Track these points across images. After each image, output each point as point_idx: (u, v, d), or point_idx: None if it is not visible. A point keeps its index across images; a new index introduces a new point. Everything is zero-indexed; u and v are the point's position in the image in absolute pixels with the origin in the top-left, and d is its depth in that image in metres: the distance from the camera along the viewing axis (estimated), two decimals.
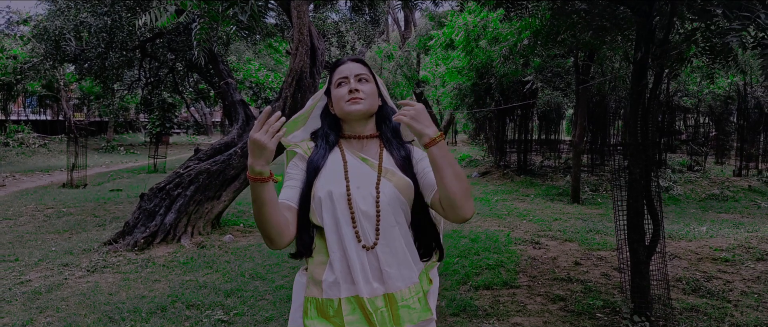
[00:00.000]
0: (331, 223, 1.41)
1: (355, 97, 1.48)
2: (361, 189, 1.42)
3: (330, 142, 1.53)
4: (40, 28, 8.83)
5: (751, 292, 4.24)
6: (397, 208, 1.43)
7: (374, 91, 1.53)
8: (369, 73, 1.55)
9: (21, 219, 7.55)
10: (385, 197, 1.42)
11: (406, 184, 1.45)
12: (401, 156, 1.51)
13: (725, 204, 9.00)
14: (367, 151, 1.53)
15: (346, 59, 1.59)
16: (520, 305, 4.06)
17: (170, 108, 13.33)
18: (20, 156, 17.47)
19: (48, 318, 3.73)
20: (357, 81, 1.50)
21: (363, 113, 1.49)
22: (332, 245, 1.40)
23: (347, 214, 1.40)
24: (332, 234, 1.40)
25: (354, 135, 1.54)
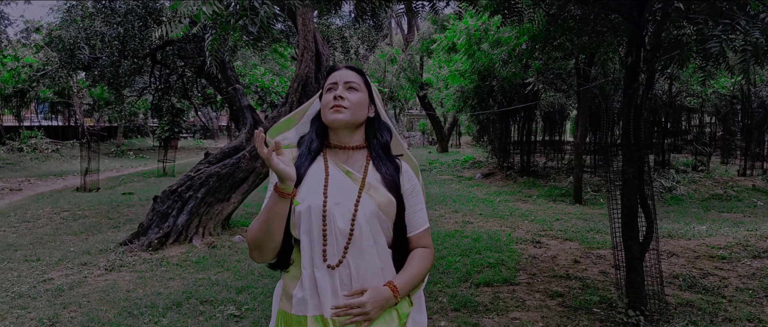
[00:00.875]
0: (306, 239, 1.37)
1: (338, 106, 1.43)
2: (341, 205, 1.38)
3: (312, 151, 1.47)
4: (54, 36, 9.12)
5: (745, 288, 4.37)
6: (376, 226, 1.40)
7: (363, 101, 1.47)
8: (362, 82, 1.50)
9: (39, 221, 7.80)
10: (363, 215, 1.37)
11: (388, 201, 1.41)
12: (389, 172, 1.46)
13: (728, 204, 9.09)
14: (352, 163, 1.47)
15: (341, 65, 1.54)
16: (520, 301, 4.22)
17: (179, 113, 13.60)
18: (34, 161, 17.83)
19: (71, 313, 3.94)
20: (345, 88, 1.45)
21: (343, 123, 1.43)
22: (305, 261, 1.38)
23: (320, 230, 1.36)
24: (306, 250, 1.38)
25: (339, 145, 1.49)
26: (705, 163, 12.97)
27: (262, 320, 3.79)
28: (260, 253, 1.37)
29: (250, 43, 4.05)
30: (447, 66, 12.45)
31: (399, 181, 1.46)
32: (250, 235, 1.37)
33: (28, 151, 18.86)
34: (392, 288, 1.38)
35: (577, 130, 10.30)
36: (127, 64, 8.29)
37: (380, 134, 1.51)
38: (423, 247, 1.49)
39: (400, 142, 1.57)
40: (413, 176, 1.52)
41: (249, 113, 7.30)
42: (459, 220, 7.76)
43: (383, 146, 1.50)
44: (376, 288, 1.36)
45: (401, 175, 1.48)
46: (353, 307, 1.33)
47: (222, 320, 3.79)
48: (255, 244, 1.36)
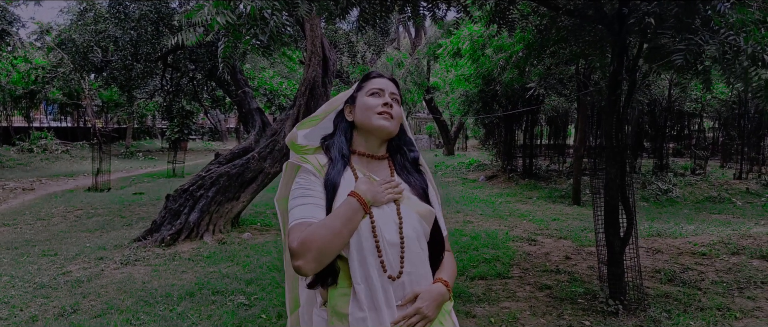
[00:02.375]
0: (356, 252, 1.33)
1: (388, 112, 1.43)
2: (383, 217, 1.36)
3: (345, 158, 1.44)
4: (67, 39, 9.47)
5: (720, 281, 4.63)
6: (421, 235, 1.40)
7: (402, 115, 1.50)
8: (400, 97, 1.52)
9: (53, 219, 8.13)
10: (408, 225, 1.38)
11: (427, 211, 1.42)
12: (420, 184, 1.48)
13: (720, 206, 9.32)
14: (376, 172, 1.46)
15: (383, 74, 1.54)
16: (511, 292, 4.50)
17: (188, 115, 13.97)
18: (44, 162, 18.24)
19: (91, 302, 4.25)
20: (391, 99, 1.46)
21: (390, 132, 1.44)
22: (357, 276, 1.32)
23: (372, 243, 1.33)
24: (357, 264, 1.33)
25: (367, 153, 1.47)
26: (702, 167, 13.17)
27: (269, 308, 4.08)
28: (318, 264, 1.29)
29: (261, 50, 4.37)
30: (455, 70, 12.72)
31: (428, 192, 1.48)
32: (316, 243, 1.28)
33: (38, 152, 19.27)
34: (444, 283, 1.42)
35: (577, 133, 10.55)
36: (140, 67, 8.64)
37: (409, 148, 1.52)
38: (447, 251, 1.54)
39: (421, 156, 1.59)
40: (434, 186, 1.54)
41: (258, 116, 7.61)
42: (460, 220, 8.03)
43: (413, 161, 1.52)
44: (427, 289, 1.37)
45: (429, 186, 1.51)
46: (411, 315, 1.33)
47: (232, 308, 4.08)
48: (318, 253, 1.28)
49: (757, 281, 4.63)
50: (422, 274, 1.39)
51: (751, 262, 5.17)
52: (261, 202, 8.68)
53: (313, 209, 1.35)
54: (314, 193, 1.38)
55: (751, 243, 5.88)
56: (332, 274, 1.37)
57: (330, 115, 1.53)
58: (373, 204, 1.33)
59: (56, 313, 3.95)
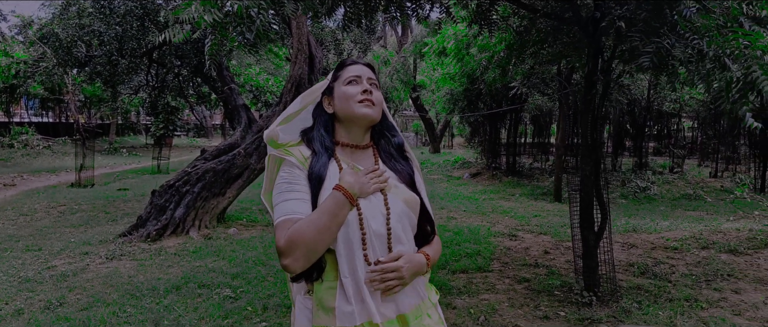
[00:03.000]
0: (344, 245, 1.31)
1: (369, 99, 1.39)
2: (370, 208, 1.34)
3: (328, 149, 1.40)
4: (49, 33, 9.37)
5: (690, 273, 4.84)
6: (406, 225, 1.38)
7: (382, 100, 1.46)
8: (378, 81, 1.48)
9: (36, 215, 8.09)
10: (395, 215, 1.35)
11: (414, 200, 1.40)
12: (406, 171, 1.46)
13: (695, 203, 9.60)
14: (361, 162, 1.43)
15: (359, 60, 1.50)
16: (490, 285, 4.64)
17: (174, 111, 13.92)
18: (25, 157, 17.99)
19: (77, 295, 4.30)
20: (369, 84, 1.43)
21: (373, 119, 1.41)
22: (344, 269, 1.31)
23: (359, 235, 1.32)
24: (345, 257, 1.31)
25: (350, 143, 1.44)
26: (680, 165, 13.51)
27: (255, 301, 4.16)
28: (307, 261, 1.27)
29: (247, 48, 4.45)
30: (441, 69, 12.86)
31: (415, 178, 1.46)
32: (304, 240, 1.26)
33: (19, 148, 19.00)
34: (425, 255, 1.39)
35: (558, 132, 10.77)
36: (125, 63, 8.62)
37: (391, 134, 1.50)
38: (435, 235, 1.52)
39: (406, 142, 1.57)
40: (419, 173, 1.52)
41: (244, 112, 7.67)
42: (444, 216, 8.17)
43: (397, 146, 1.49)
44: (410, 255, 1.35)
45: (415, 172, 1.49)
46: (389, 270, 1.31)
47: (219, 301, 4.16)
48: (307, 250, 1.26)
49: (724, 274, 4.84)
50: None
51: (720, 256, 5.39)
52: (247, 198, 8.72)
53: (298, 204, 1.31)
54: (299, 188, 1.34)
55: (721, 238, 6.12)
56: (318, 269, 1.34)
57: (308, 108, 1.48)
58: (359, 195, 1.31)
59: (42, 306, 3.99)
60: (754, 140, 11.31)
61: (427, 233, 1.47)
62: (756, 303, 4.20)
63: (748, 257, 5.34)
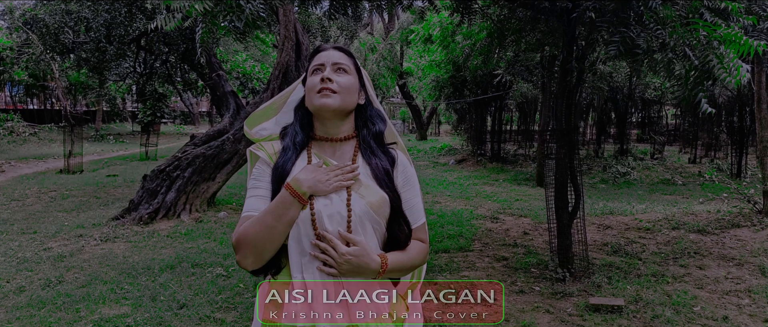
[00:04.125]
0: (295, 244, 1.26)
1: (326, 88, 1.29)
2: (329, 206, 1.26)
3: (297, 144, 1.34)
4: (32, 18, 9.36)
5: (659, 252, 5.13)
6: (368, 229, 1.28)
7: (353, 84, 1.34)
8: (351, 64, 1.36)
9: (28, 200, 8.18)
10: (356, 217, 1.26)
11: (381, 201, 1.29)
12: (382, 166, 1.33)
13: (672, 187, 9.96)
14: (339, 157, 1.34)
15: (328, 45, 1.39)
16: (470, 263, 4.89)
17: (161, 98, 13.95)
18: (12, 144, 17.88)
19: (75, 274, 4.47)
20: (334, 70, 1.32)
21: (332, 109, 1.30)
22: (294, 269, 1.26)
23: (311, 236, 1.25)
24: (295, 256, 1.26)
25: (326, 137, 1.35)
26: (660, 152, 13.89)
27: (246, 278, 4.37)
28: (257, 259, 1.24)
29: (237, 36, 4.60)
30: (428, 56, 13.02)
31: (393, 174, 1.34)
32: (248, 239, 1.23)
33: (4, 135, 18.85)
34: (382, 258, 1.27)
35: (542, 118, 11.03)
36: (113, 50, 8.67)
37: (372, 122, 1.38)
38: (418, 240, 1.38)
39: (393, 130, 1.44)
40: (408, 166, 1.39)
41: (232, 99, 7.79)
42: (429, 201, 8.41)
43: (376, 136, 1.37)
44: (365, 249, 1.25)
45: (396, 167, 1.36)
46: (330, 246, 1.24)
47: (212, 278, 4.36)
48: (254, 249, 1.22)
49: (691, 252, 5.14)
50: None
51: (688, 236, 5.70)
52: (236, 183, 8.88)
53: (257, 201, 1.28)
54: (262, 185, 1.31)
55: (692, 219, 6.43)
56: (276, 266, 1.31)
57: (289, 104, 1.44)
58: (313, 193, 1.23)
59: (42, 284, 4.16)
60: (731, 128, 11.68)
61: (397, 239, 1.32)
62: (718, 278, 4.49)
63: (715, 236, 5.65)
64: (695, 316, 3.76)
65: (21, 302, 3.79)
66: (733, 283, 4.37)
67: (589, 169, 11.79)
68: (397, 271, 1.31)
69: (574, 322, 3.67)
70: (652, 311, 3.80)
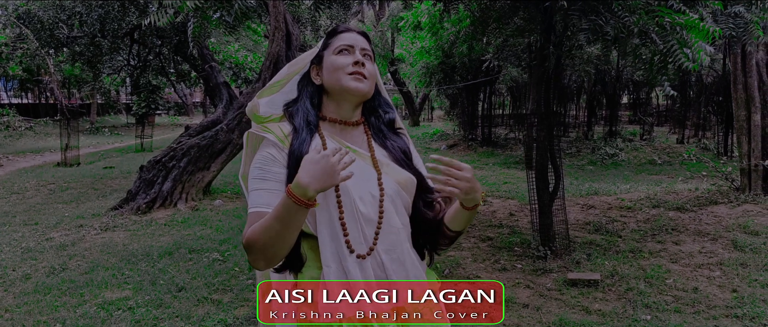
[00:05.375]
0: (327, 230, 1.19)
1: (361, 73, 1.26)
2: (356, 188, 1.21)
3: (311, 125, 1.27)
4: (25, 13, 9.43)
5: (638, 229, 5.36)
6: (400, 208, 1.25)
7: (377, 74, 1.33)
8: (372, 53, 1.34)
9: (27, 193, 8.34)
10: (388, 197, 1.23)
11: (409, 180, 1.27)
12: (399, 148, 1.32)
13: (658, 167, 10.20)
14: (351, 139, 1.30)
15: (352, 28, 1.35)
16: (456, 244, 5.11)
17: (155, 90, 14.05)
18: (8, 139, 17.95)
19: (77, 262, 4.66)
20: (363, 56, 1.28)
21: (364, 95, 1.28)
22: (327, 258, 1.18)
23: (337, 219, 1.20)
24: (327, 244, 1.19)
25: (338, 119, 1.30)
26: (649, 133, 14.13)
27: (242, 262, 4.57)
28: (269, 262, 1.17)
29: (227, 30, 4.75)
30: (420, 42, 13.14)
31: (410, 156, 1.35)
32: (258, 245, 1.14)
33: (1, 129, 18.91)
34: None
35: (529, 102, 11.21)
36: (107, 44, 8.79)
37: (383, 110, 1.37)
38: None
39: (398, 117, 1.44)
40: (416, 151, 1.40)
41: (225, 89, 7.94)
42: None
43: (388, 123, 1.36)
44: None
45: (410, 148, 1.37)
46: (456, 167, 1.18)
47: (208, 263, 4.56)
48: (264, 253, 1.14)
49: (669, 228, 5.37)
50: (403, 251, 1.23)
51: (668, 213, 5.93)
52: (230, 172, 9.04)
53: (267, 196, 1.18)
54: (271, 176, 1.21)
55: (673, 198, 6.66)
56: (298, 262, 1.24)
57: (294, 79, 1.36)
58: (325, 189, 1.10)
59: (47, 271, 4.36)
60: (718, 107, 11.90)
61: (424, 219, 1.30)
62: (692, 252, 4.73)
63: (693, 213, 5.88)
64: (667, 288, 4.00)
65: (28, 289, 3.99)
66: (706, 257, 4.60)
67: (578, 151, 12.02)
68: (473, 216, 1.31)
69: (552, 296, 3.89)
70: (627, 284, 4.03)
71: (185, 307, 3.63)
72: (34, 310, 3.60)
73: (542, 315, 3.58)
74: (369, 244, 1.21)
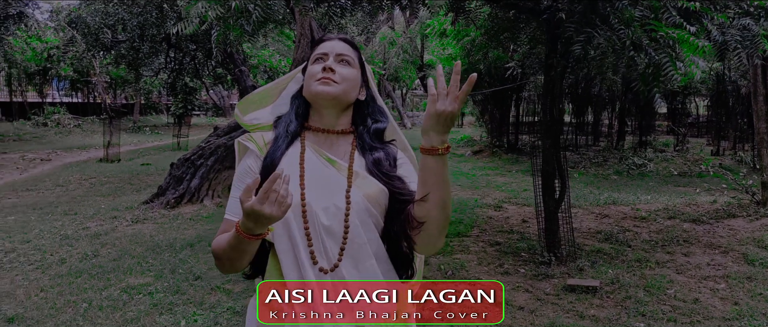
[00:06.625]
0: (285, 241, 1.17)
1: (327, 78, 1.23)
2: (323, 199, 1.18)
3: (290, 133, 1.27)
4: (76, 18, 10.16)
5: (650, 239, 5.35)
6: (367, 222, 1.20)
7: (355, 78, 1.28)
8: (355, 57, 1.30)
9: (71, 186, 8.95)
10: (354, 211, 1.18)
11: (380, 193, 1.21)
12: (379, 159, 1.26)
13: (687, 179, 9.97)
14: (335, 150, 1.27)
15: (334, 36, 1.34)
16: (465, 247, 5.24)
17: (191, 91, 14.71)
18: (58, 135, 19.09)
19: (108, 250, 5.05)
20: (337, 61, 1.26)
21: (330, 98, 1.24)
22: (288, 269, 1.17)
23: (302, 229, 1.16)
24: (287, 255, 1.17)
25: (321, 128, 1.28)
26: (682, 143, 13.77)
27: None
28: (231, 270, 1.19)
29: (247, 37, 5.07)
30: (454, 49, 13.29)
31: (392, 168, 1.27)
32: (217, 254, 1.17)
33: (52, 126, 20.14)
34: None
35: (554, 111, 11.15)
36: (146, 47, 9.36)
37: (372, 118, 1.32)
38: None
39: (395, 127, 1.38)
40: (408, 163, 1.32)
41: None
42: None
43: (375, 132, 1.30)
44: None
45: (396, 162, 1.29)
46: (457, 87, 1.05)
47: None
48: (223, 264, 1.17)
49: (680, 239, 5.34)
50: (368, 268, 1.19)
51: (682, 225, 5.87)
52: None
53: (238, 206, 1.12)
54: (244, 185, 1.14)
55: (692, 210, 6.57)
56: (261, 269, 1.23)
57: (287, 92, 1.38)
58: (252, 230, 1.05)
59: (80, 257, 4.76)
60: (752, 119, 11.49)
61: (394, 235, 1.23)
62: (700, 264, 4.71)
63: (708, 226, 5.81)
64: (667, 297, 4.02)
65: (62, 271, 4.38)
66: (714, 270, 4.58)
67: (604, 161, 11.86)
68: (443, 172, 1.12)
69: (549, 300, 3.98)
70: (626, 292, 4.07)
71: (199, 295, 3.92)
72: (66, 291, 3.97)
73: (536, 318, 3.69)
74: (333, 259, 1.18)
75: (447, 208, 1.13)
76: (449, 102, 1.05)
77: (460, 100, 1.05)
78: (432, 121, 1.07)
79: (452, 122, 1.08)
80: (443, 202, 1.12)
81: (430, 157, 1.10)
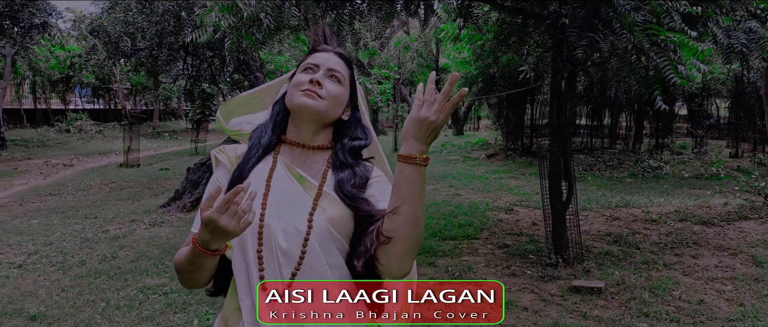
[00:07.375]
0: (241, 261, 1.12)
1: (312, 90, 1.16)
2: (284, 220, 1.12)
3: (263, 145, 1.21)
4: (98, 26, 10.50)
5: (659, 242, 5.34)
6: (331, 247, 1.13)
7: (341, 96, 1.22)
8: (347, 75, 1.24)
9: (92, 190, 9.24)
10: (315, 234, 1.11)
11: (344, 217, 1.14)
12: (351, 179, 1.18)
13: (703, 182, 9.85)
14: (309, 166, 1.20)
15: (330, 48, 1.28)
16: (473, 249, 5.30)
17: (209, 97, 15.03)
18: (80, 141, 19.63)
19: (126, 252, 5.24)
20: (327, 76, 1.20)
21: (312, 113, 1.17)
22: (242, 291, 1.12)
23: (255, 251, 1.10)
24: (241, 275, 1.12)
25: (297, 142, 1.21)
26: (699, 145, 13.60)
27: None
28: (191, 286, 1.15)
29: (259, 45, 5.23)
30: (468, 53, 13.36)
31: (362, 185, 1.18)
32: (176, 265, 1.14)
33: (74, 132, 20.70)
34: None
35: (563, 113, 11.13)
36: (164, 55, 9.63)
37: (351, 136, 1.24)
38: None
39: (377, 147, 1.32)
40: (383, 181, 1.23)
41: None
42: (451, 193, 8.80)
43: (351, 150, 1.23)
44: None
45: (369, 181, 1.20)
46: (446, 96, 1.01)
47: None
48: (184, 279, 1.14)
49: (690, 242, 5.32)
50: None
51: (693, 227, 5.84)
52: None
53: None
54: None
55: (704, 212, 6.52)
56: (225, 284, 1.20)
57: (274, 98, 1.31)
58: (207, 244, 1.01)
59: (99, 258, 4.94)
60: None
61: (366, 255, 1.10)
62: (708, 266, 4.69)
63: (719, 228, 5.77)
64: (672, 299, 4.03)
65: (82, 272, 4.56)
66: (721, 271, 4.56)
67: (619, 163, 11.77)
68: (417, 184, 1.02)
69: (554, 301, 4.03)
70: (631, 294, 4.10)
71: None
72: (85, 290, 4.14)
73: (539, 318, 3.74)
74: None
75: (418, 228, 1.04)
76: (434, 111, 1.00)
77: (445, 112, 1.00)
78: (413, 127, 1.01)
79: (436, 134, 1.02)
80: (415, 219, 1.03)
81: (407, 165, 1.02)
